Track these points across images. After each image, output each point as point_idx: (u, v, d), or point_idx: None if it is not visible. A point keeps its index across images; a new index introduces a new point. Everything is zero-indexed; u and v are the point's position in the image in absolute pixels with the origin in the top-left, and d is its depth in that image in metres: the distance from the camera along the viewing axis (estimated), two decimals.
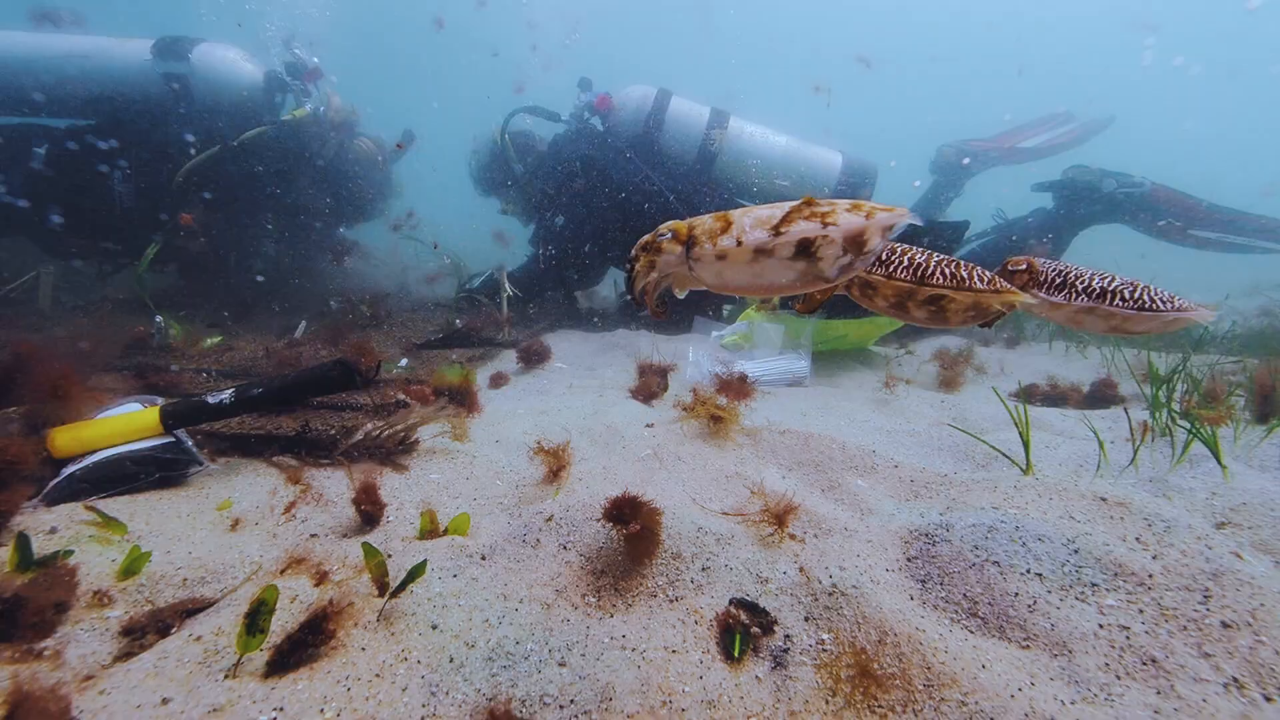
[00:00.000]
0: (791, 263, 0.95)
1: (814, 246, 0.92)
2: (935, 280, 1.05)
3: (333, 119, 5.05)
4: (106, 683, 1.01)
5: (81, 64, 4.38)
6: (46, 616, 1.14)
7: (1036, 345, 4.69)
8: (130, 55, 4.45)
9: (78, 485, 1.68)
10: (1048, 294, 1.20)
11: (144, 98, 4.44)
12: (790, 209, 0.94)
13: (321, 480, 1.93)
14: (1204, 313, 1.15)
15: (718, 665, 1.18)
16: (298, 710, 0.96)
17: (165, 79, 4.43)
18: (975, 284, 1.04)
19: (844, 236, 0.92)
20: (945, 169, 6.30)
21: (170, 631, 1.18)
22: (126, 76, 4.42)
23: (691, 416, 2.01)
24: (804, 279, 0.97)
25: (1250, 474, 1.89)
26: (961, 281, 1.05)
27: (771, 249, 0.93)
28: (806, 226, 0.90)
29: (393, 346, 3.74)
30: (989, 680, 1.09)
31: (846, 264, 0.95)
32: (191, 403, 1.90)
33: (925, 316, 1.12)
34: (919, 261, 1.09)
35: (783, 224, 0.91)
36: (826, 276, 0.96)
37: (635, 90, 5.20)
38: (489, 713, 0.76)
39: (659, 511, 1.43)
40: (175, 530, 1.58)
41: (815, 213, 0.92)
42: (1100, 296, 1.14)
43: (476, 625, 1.25)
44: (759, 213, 0.95)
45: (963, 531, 1.51)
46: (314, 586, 1.27)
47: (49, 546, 1.41)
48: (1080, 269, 1.23)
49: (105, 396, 2.13)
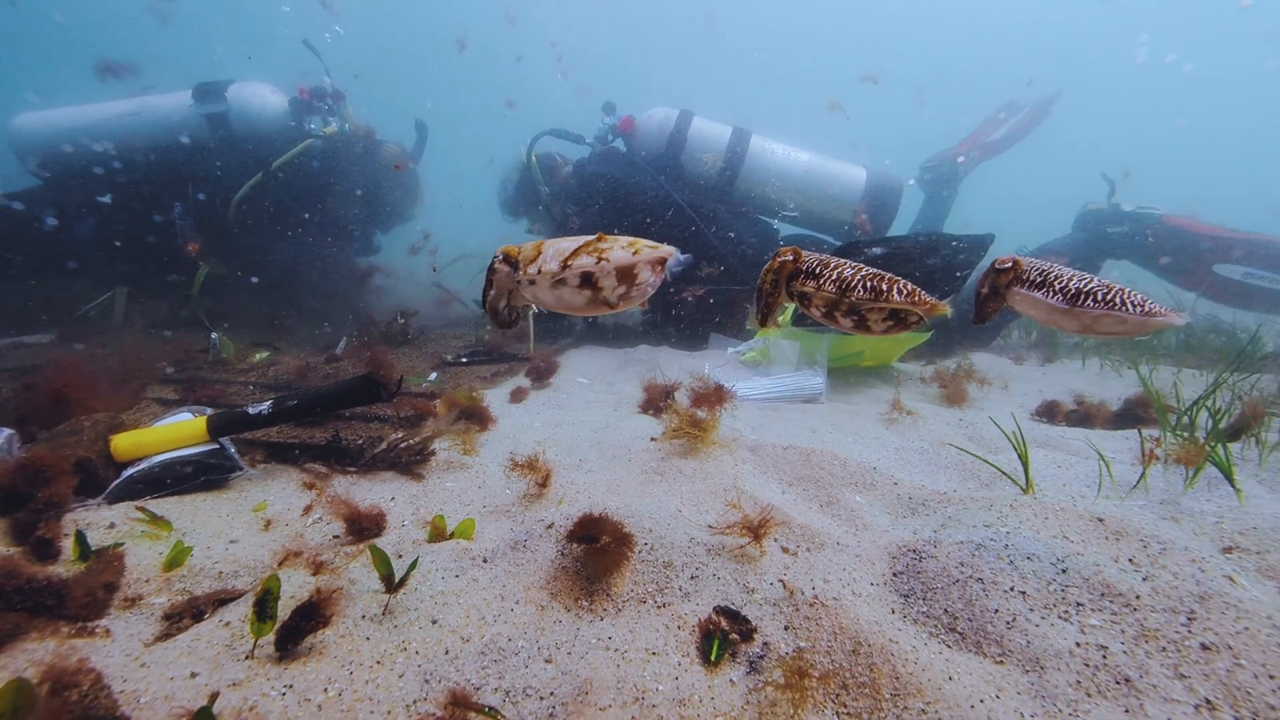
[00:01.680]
0: (580, 290, 1.12)
1: (594, 277, 1.09)
2: (856, 293, 1.12)
3: (355, 133, 5.43)
4: (147, 657, 1.15)
5: (133, 120, 4.95)
6: (97, 597, 1.30)
7: (1070, 363, 4.55)
8: (173, 105, 5.00)
9: (135, 486, 1.87)
10: (1028, 291, 1.24)
11: (190, 139, 4.94)
12: (580, 244, 1.09)
13: (347, 486, 2.09)
14: (1173, 318, 1.17)
15: (694, 668, 1.25)
16: (305, 688, 1.08)
17: (207, 120, 4.91)
18: (893, 296, 1.10)
19: (616, 270, 1.08)
20: (933, 184, 6.25)
21: (204, 617, 1.33)
22: (172, 123, 4.95)
23: (675, 436, 2.08)
24: (592, 304, 1.14)
25: (1268, 498, 1.83)
26: (879, 293, 1.11)
27: (564, 278, 1.10)
28: (586, 261, 1.07)
29: (424, 361, 3.93)
30: (953, 691, 1.12)
31: (624, 292, 1.12)
32: (235, 413, 2.09)
33: (851, 325, 1.19)
34: (845, 275, 1.16)
35: (570, 257, 1.08)
36: (610, 302, 1.13)
37: (658, 112, 5.34)
38: (451, 694, 0.85)
39: (626, 530, 1.49)
40: (215, 528, 1.74)
41: (596, 249, 1.08)
42: (1075, 298, 1.18)
43: (473, 622, 1.35)
44: (560, 245, 1.12)
45: (950, 548, 1.53)
46: (312, 575, 1.40)
47: (108, 539, 1.58)
48: (1062, 270, 1.27)
49: (158, 406, 2.35)
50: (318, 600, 1.13)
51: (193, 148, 4.93)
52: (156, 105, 5.02)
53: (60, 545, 1.50)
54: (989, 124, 6.70)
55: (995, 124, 6.66)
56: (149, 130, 4.95)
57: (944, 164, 6.21)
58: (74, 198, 4.90)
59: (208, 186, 4.93)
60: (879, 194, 5.20)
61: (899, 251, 3.72)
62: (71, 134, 4.97)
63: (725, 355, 4.03)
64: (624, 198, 4.93)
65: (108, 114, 5.03)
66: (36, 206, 4.89)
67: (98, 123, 4.98)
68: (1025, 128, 6.72)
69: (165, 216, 4.89)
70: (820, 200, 5.24)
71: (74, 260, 5.01)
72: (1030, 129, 6.75)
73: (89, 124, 4.99)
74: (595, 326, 5.36)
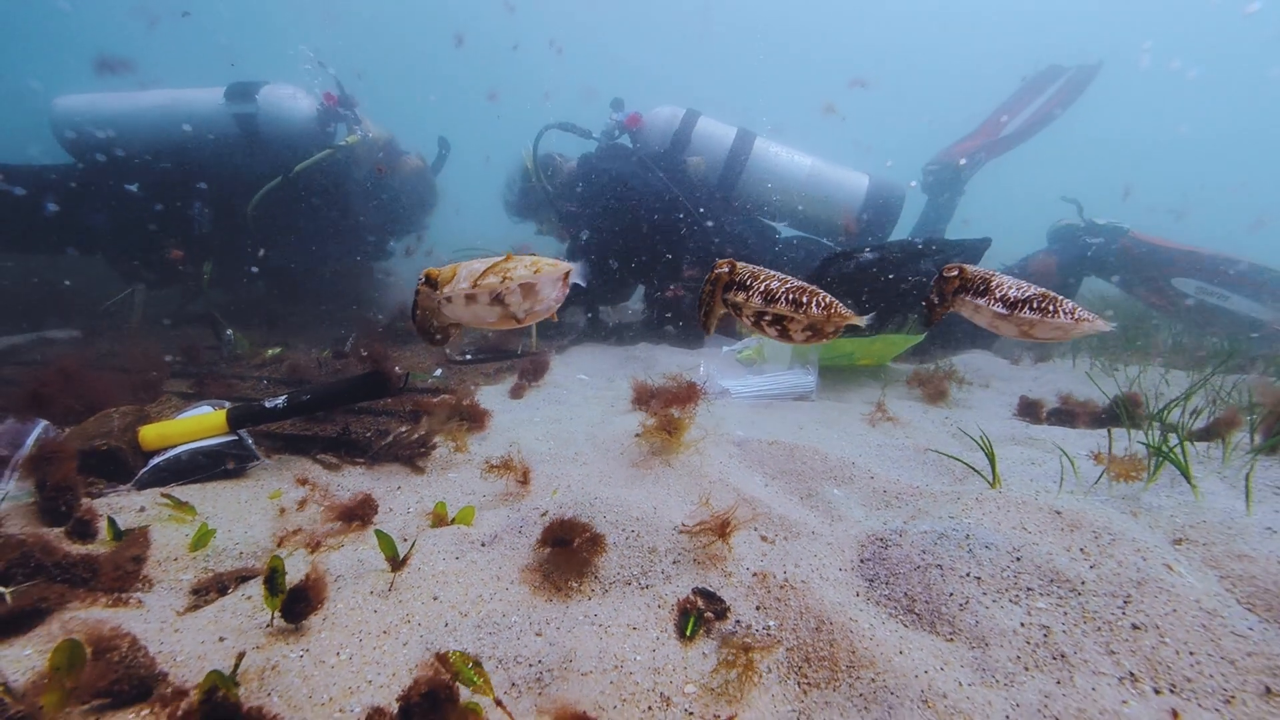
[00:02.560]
0: (491, 307, 1.24)
1: (501, 295, 1.21)
2: (778, 305, 1.23)
3: (376, 142, 5.55)
4: (179, 624, 1.29)
5: (165, 112, 5.05)
6: (126, 569, 1.44)
7: (1062, 363, 4.63)
8: (205, 101, 5.10)
9: (161, 473, 2.02)
10: (972, 298, 1.35)
11: (217, 137, 5.05)
12: (489, 265, 1.22)
13: (356, 477, 2.23)
14: (1099, 324, 1.28)
15: (670, 642, 1.37)
16: (320, 651, 1.21)
17: (236, 119, 5.02)
18: (811, 309, 1.21)
19: (520, 287, 1.21)
20: (935, 187, 6.26)
21: (228, 591, 1.46)
22: (202, 119, 5.05)
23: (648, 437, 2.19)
24: (503, 319, 1.26)
25: (1225, 494, 1.93)
26: (800, 305, 1.22)
27: (475, 296, 1.22)
28: (492, 281, 1.20)
29: (429, 358, 4.07)
30: (901, 663, 1.23)
31: (529, 308, 1.24)
32: (252, 407, 2.22)
33: (776, 334, 1.30)
34: (772, 288, 1.27)
35: (480, 277, 1.20)
36: (518, 317, 1.25)
37: (664, 110, 5.41)
38: (436, 656, 0.97)
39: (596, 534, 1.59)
40: (235, 513, 1.88)
41: (502, 269, 1.21)
42: (1013, 305, 1.29)
43: (471, 599, 1.48)
44: (472, 266, 1.25)
45: (914, 537, 1.65)
46: (310, 555, 1.54)
47: (139, 521, 1.73)
48: (1003, 278, 1.38)
49: (178, 400, 2.50)
50: (309, 582, 1.26)
51: (219, 145, 5.04)
52: (190, 100, 5.12)
53: (97, 526, 1.64)
54: (990, 123, 6.54)
55: (996, 125, 6.50)
56: (180, 124, 5.06)
57: (946, 167, 6.19)
58: (96, 185, 4.99)
59: (230, 184, 5.04)
60: (881, 201, 5.25)
61: (891, 257, 3.81)
62: (109, 120, 5.05)
63: (721, 353, 4.15)
64: (627, 193, 5.02)
65: (145, 104, 5.11)
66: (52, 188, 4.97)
67: (134, 112, 5.08)
68: (1048, 115, 6.31)
69: (185, 210, 5.02)
70: (822, 205, 5.30)
71: (88, 247, 5.13)
72: (1067, 104, 6.30)
73: (125, 112, 5.07)
74: (597, 325, 5.48)
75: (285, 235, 5.22)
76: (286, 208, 5.12)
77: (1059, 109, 6.42)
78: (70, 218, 4.95)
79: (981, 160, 6.30)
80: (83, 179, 5.01)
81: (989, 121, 6.54)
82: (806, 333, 1.26)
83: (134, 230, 5.04)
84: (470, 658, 1.01)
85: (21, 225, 4.96)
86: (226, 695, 0.90)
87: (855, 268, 3.73)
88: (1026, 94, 6.58)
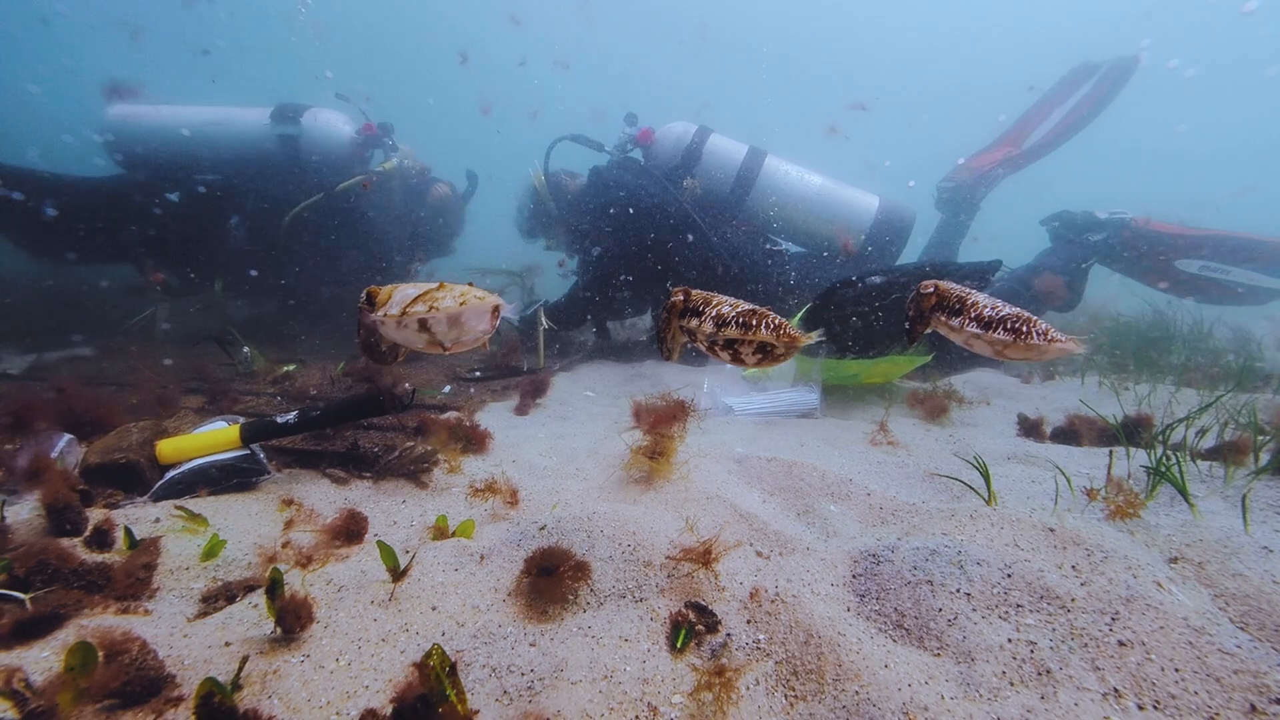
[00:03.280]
0: (419, 334, 1.27)
1: (427, 324, 1.25)
2: (729, 329, 1.26)
3: (411, 170, 5.76)
4: (188, 630, 1.34)
5: (215, 130, 5.31)
6: (138, 576, 1.50)
7: (1071, 380, 4.60)
8: (250, 120, 5.37)
9: (176, 486, 2.09)
10: (946, 318, 1.38)
11: (260, 154, 5.31)
12: (421, 292, 1.26)
13: (363, 491, 2.29)
14: (1072, 345, 1.30)
15: (661, 653, 1.40)
16: (320, 657, 1.26)
17: (279, 140, 5.28)
18: (760, 331, 1.24)
19: (445, 318, 1.24)
20: (948, 205, 6.19)
21: (236, 600, 1.52)
22: (247, 137, 5.32)
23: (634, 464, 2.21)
24: (430, 345, 1.29)
25: (1225, 513, 1.92)
26: (749, 328, 1.25)
27: (404, 323, 1.25)
28: (419, 309, 1.23)
29: (439, 375, 4.15)
30: (886, 676, 1.25)
31: (455, 337, 1.26)
32: (264, 422, 2.30)
33: (728, 357, 1.33)
34: (723, 313, 1.30)
35: (410, 304, 1.24)
36: (444, 346, 1.28)
37: (676, 126, 5.47)
38: (418, 666, 1.00)
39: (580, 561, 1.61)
40: (245, 525, 1.95)
41: (431, 298, 1.25)
42: (988, 324, 1.31)
43: (468, 610, 1.52)
44: (406, 291, 1.29)
45: (906, 553, 1.66)
46: (304, 572, 1.58)
47: (154, 532, 1.79)
48: (979, 297, 1.41)
49: (194, 416, 2.59)
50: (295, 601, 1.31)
51: (261, 163, 5.28)
52: (237, 118, 5.39)
53: (115, 536, 1.71)
54: (1012, 136, 6.21)
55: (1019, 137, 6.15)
56: (226, 141, 5.32)
57: (960, 186, 6.09)
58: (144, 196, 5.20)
59: (267, 202, 5.27)
60: (890, 222, 5.24)
61: (898, 281, 3.84)
62: (156, 132, 5.32)
63: (726, 370, 4.18)
64: (635, 208, 5.09)
65: (194, 119, 5.37)
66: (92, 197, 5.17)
67: (180, 125, 5.34)
68: (1098, 102, 5.88)
69: (222, 223, 5.24)
70: (830, 224, 5.31)
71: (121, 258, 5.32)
72: (1103, 105, 5.89)
73: (172, 126, 5.32)
74: (605, 342, 5.55)
75: (313, 251, 5.40)
76: (318, 225, 5.32)
77: (1094, 111, 6.05)
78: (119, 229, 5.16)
79: (999, 177, 6.11)
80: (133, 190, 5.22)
81: (1010, 134, 6.27)
82: (758, 355, 1.29)
83: (170, 241, 5.24)
84: (449, 660, 1.04)
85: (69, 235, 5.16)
86: (222, 700, 0.95)
87: (862, 292, 3.76)
88: (1053, 99, 6.23)
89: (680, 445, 2.35)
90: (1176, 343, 5.69)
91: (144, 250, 5.26)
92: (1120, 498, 1.89)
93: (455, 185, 6.20)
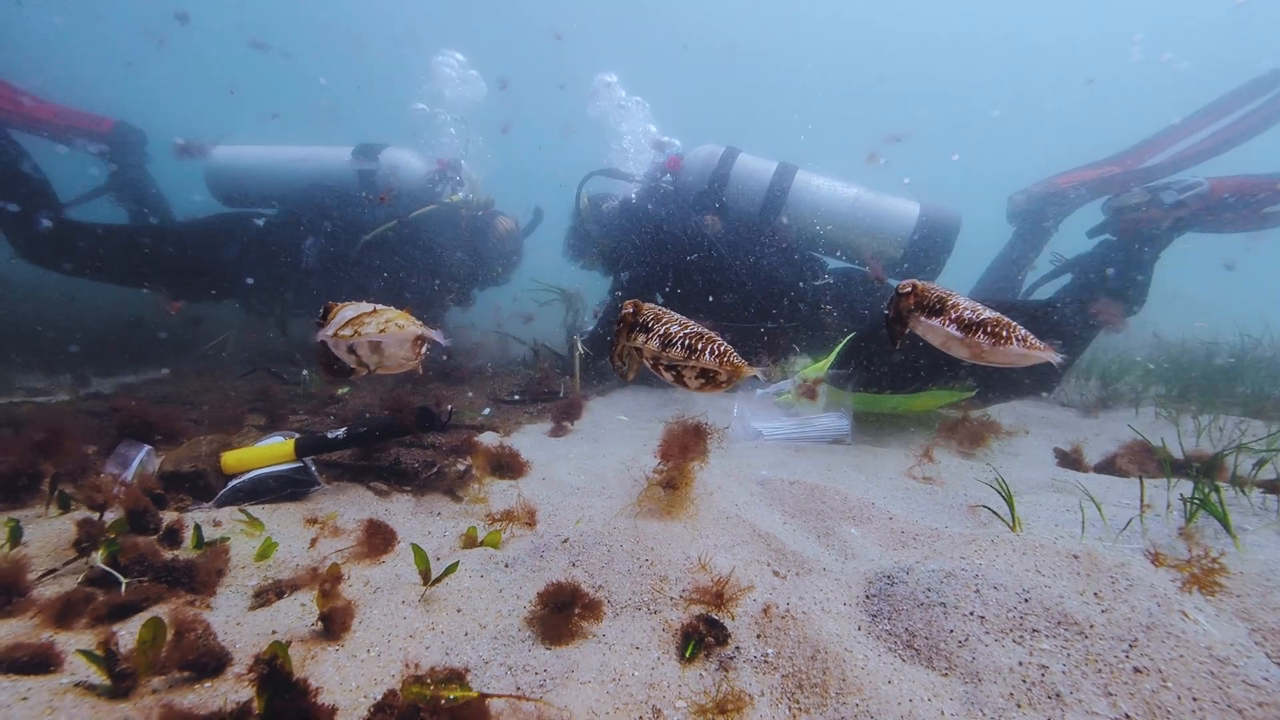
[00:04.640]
0: (349, 355, 1.38)
1: (352, 346, 1.34)
2: (672, 351, 1.29)
3: (477, 203, 6.17)
4: (242, 619, 1.49)
5: (300, 165, 5.97)
6: (211, 578, 1.66)
7: (1122, 410, 4.40)
8: (333, 157, 5.98)
9: (238, 494, 2.29)
10: (926, 318, 1.40)
11: (340, 186, 5.86)
12: (354, 316, 1.36)
13: (404, 503, 2.44)
14: (1050, 354, 1.30)
15: (670, 662, 1.45)
16: (353, 648, 1.37)
17: (358, 174, 5.87)
18: (704, 356, 1.25)
19: (367, 344, 1.32)
20: (1023, 216, 5.92)
21: (284, 596, 1.66)
22: (330, 172, 5.93)
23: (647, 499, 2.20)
24: (359, 366, 1.40)
25: (1272, 547, 1.83)
26: (693, 351, 1.27)
27: (336, 344, 1.37)
28: (346, 332, 1.33)
29: (480, 398, 4.34)
30: (889, 692, 1.26)
31: (378, 362, 1.37)
32: (316, 437, 2.50)
33: (671, 379, 1.35)
34: (671, 332, 1.32)
35: (342, 326, 1.34)
36: (368, 366, 1.37)
37: (703, 149, 5.51)
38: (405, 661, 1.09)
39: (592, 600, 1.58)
40: (296, 531, 2.11)
41: (358, 323, 1.35)
42: (968, 328, 1.33)
43: (491, 613, 1.61)
44: (344, 313, 1.39)
45: (921, 575, 1.66)
46: (324, 587, 1.71)
47: (217, 534, 1.98)
48: (960, 299, 1.42)
49: (256, 431, 2.82)
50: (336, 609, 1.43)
51: (341, 195, 5.84)
52: (321, 156, 6.03)
53: (184, 536, 1.90)
54: (1134, 153, 5.65)
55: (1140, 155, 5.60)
56: (311, 175, 5.94)
57: (1032, 199, 5.74)
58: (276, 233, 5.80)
59: (341, 229, 5.77)
60: (932, 230, 5.03)
61: None
62: (253, 171, 5.99)
63: (757, 395, 4.21)
64: (656, 238, 5.20)
65: (284, 157, 6.03)
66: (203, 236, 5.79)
67: (274, 164, 6.01)
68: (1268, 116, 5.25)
69: (297, 247, 5.74)
70: (868, 236, 5.15)
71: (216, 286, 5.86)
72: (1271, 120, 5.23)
73: (265, 165, 6.01)
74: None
75: (381, 275, 5.81)
76: (388, 250, 5.73)
77: (1259, 126, 5.37)
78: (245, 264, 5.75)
79: (1078, 199, 5.66)
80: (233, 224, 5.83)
81: (1129, 151, 5.73)
82: (700, 380, 1.30)
83: (257, 266, 5.76)
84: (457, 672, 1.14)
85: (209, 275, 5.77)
86: (283, 664, 1.08)
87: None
88: (1215, 111, 5.52)
89: (703, 468, 2.40)
90: (1249, 372, 5.35)
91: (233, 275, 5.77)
92: (1196, 566, 1.56)
93: (519, 220, 6.58)
